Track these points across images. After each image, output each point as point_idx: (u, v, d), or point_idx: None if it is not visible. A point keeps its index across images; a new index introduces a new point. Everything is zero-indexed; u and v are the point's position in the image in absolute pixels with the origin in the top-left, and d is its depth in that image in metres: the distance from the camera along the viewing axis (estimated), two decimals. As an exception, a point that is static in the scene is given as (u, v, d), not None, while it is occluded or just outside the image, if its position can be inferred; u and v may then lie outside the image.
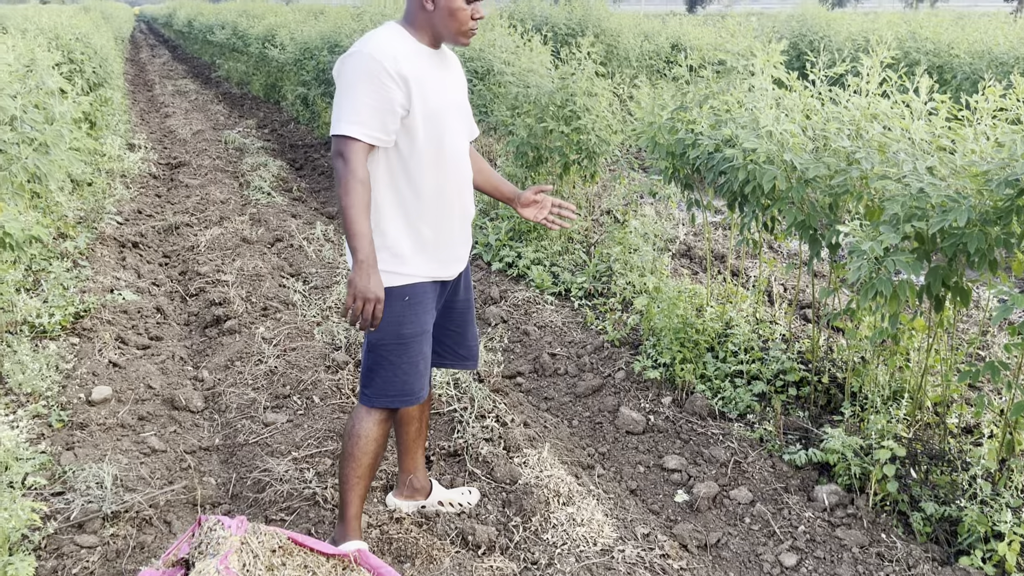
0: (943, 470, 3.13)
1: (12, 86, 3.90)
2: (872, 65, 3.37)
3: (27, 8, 13.80)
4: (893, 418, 3.24)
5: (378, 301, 2.30)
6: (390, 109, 2.35)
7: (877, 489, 3.09)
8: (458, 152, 2.57)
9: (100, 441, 3.44)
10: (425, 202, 2.49)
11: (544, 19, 12.30)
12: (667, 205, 7.21)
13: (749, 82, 3.84)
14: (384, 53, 2.35)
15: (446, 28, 2.45)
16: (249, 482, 3.32)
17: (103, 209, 6.82)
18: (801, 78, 3.75)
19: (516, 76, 6.21)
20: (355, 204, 2.28)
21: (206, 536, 2.34)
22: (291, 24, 13.27)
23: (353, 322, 2.31)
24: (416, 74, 2.39)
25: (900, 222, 2.73)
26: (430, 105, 2.43)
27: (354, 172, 2.30)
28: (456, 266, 2.67)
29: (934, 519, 2.97)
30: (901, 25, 9.56)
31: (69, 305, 4.57)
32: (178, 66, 23.69)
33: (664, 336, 4.11)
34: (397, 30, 2.47)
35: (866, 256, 2.73)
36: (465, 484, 3.28)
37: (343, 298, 5.12)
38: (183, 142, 10.97)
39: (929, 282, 2.88)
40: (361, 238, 2.28)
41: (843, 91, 3.50)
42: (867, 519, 3.05)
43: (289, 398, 3.98)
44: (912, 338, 3.45)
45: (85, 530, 2.87)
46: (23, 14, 12.28)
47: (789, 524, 3.09)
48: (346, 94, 2.34)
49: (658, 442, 3.69)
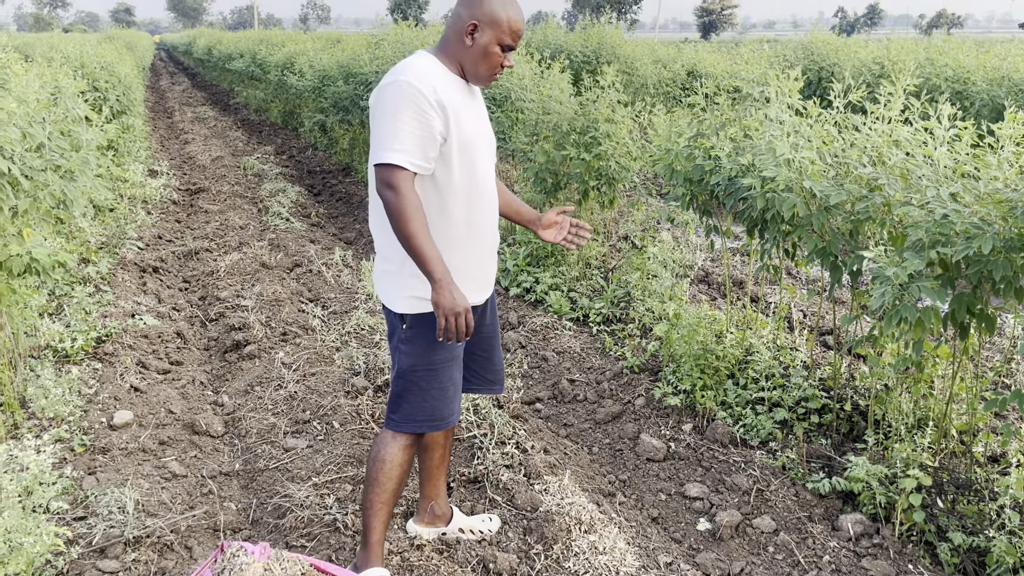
0: (970, 500, 3.09)
1: (39, 113, 3.96)
2: (894, 92, 3.37)
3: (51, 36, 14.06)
4: (918, 447, 3.21)
5: (466, 312, 2.32)
6: (431, 137, 2.36)
7: (903, 518, 3.05)
8: (489, 181, 2.59)
9: (122, 466, 3.45)
10: (456, 230, 2.50)
11: (560, 47, 12.40)
12: (685, 231, 7.21)
13: (764, 110, 3.85)
14: (424, 81, 2.36)
15: (474, 66, 2.48)
16: (269, 508, 3.32)
17: (124, 235, 6.89)
18: (824, 105, 3.75)
19: (534, 103, 6.25)
20: (418, 230, 2.30)
21: (229, 562, 2.34)
22: (310, 52, 13.44)
23: (449, 339, 2.34)
24: (453, 103, 2.41)
25: (924, 248, 2.72)
26: (465, 135, 2.45)
27: (407, 199, 2.30)
28: (484, 293, 2.68)
29: (962, 550, 2.93)
30: (918, 52, 9.57)
31: (91, 330, 4.61)
32: (197, 93, 24.03)
33: (684, 362, 4.09)
34: (431, 60, 2.49)
35: (890, 282, 2.72)
36: (485, 511, 3.27)
37: (362, 323, 5.14)
38: (202, 168, 11.09)
39: (954, 309, 2.86)
40: (432, 260, 2.30)
41: (861, 118, 3.51)
42: (893, 549, 3.01)
43: (309, 423, 3.98)
44: (936, 366, 3.42)
45: (107, 555, 2.87)
46: (48, 42, 12.51)
47: (814, 554, 3.06)
48: (389, 122, 2.34)
49: (679, 469, 3.66)
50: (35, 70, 5.26)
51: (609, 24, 12.95)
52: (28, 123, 3.56)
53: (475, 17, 2.43)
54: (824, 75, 10.14)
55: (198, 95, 23.40)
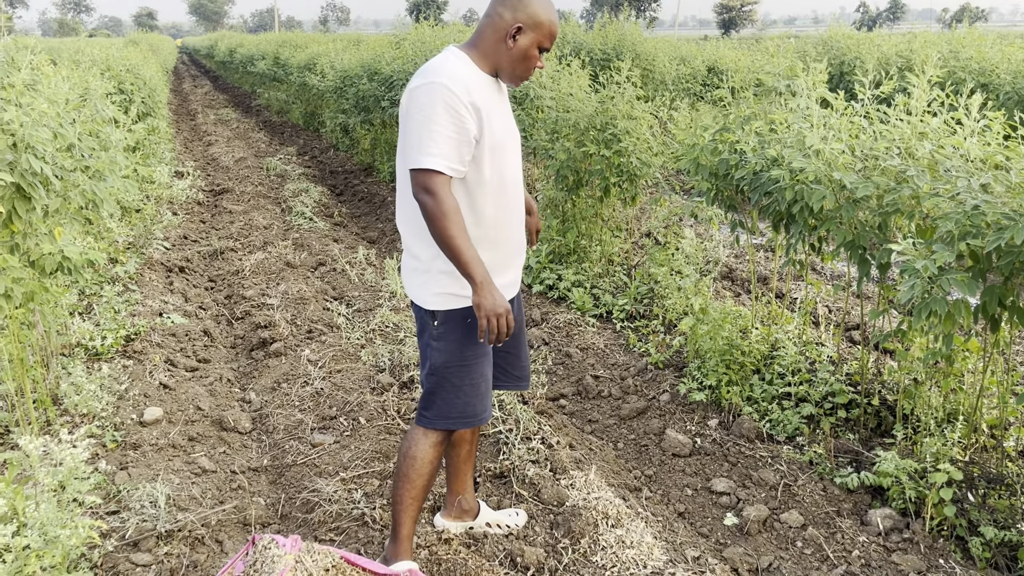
0: (1001, 494, 3.06)
1: (70, 115, 4.02)
2: (919, 84, 3.35)
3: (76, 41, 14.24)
4: (948, 441, 3.18)
5: (507, 312, 2.33)
6: (467, 140, 2.34)
7: (933, 513, 3.03)
8: (516, 180, 2.59)
9: (152, 461, 3.50)
10: (485, 229, 2.50)
11: (580, 44, 12.39)
12: (708, 227, 7.18)
13: (792, 103, 3.83)
14: (458, 82, 2.34)
15: (511, 68, 2.47)
16: (298, 502, 3.35)
17: (151, 235, 6.97)
18: (847, 99, 3.73)
19: (555, 101, 6.25)
20: (457, 234, 2.30)
21: (261, 555, 2.36)
22: (331, 53, 13.51)
23: (491, 341, 2.35)
24: (485, 104, 2.40)
25: (954, 240, 2.70)
26: (496, 135, 2.44)
27: (446, 203, 2.30)
28: (511, 290, 2.68)
29: (993, 544, 2.90)
30: (941, 45, 9.47)
31: (121, 328, 4.67)
32: (219, 95, 24.23)
33: (709, 358, 4.08)
34: (462, 57, 2.46)
35: (919, 275, 2.70)
36: (512, 505, 3.28)
37: (386, 320, 5.17)
38: (226, 169, 11.18)
39: (984, 301, 2.83)
40: (472, 263, 2.31)
41: (888, 110, 3.48)
42: (924, 544, 2.99)
43: (335, 419, 4.01)
44: (966, 359, 3.39)
45: (140, 548, 2.91)
46: (73, 47, 12.67)
47: (843, 548, 3.04)
48: (424, 125, 2.31)
49: (705, 465, 3.65)
50: (63, 72, 5.33)
51: (629, 21, 12.91)
52: (59, 124, 3.62)
53: (519, 20, 2.41)
54: (846, 69, 10.06)
55: (220, 97, 23.60)
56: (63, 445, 2.75)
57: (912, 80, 3.38)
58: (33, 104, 3.38)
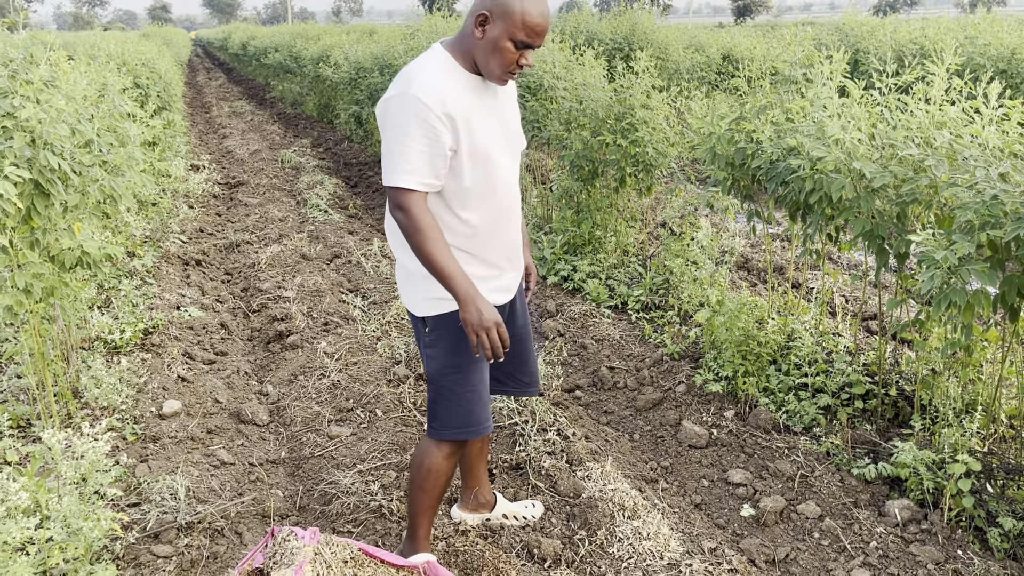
0: (1020, 485, 3.04)
1: (87, 110, 4.05)
2: (939, 72, 3.31)
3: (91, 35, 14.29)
4: (967, 431, 3.16)
5: (497, 325, 2.26)
6: (441, 153, 2.26)
7: (952, 504, 3.02)
8: (508, 183, 2.48)
9: (172, 454, 3.53)
10: (472, 236, 2.43)
11: (592, 33, 12.32)
12: (724, 217, 7.15)
13: (811, 92, 3.80)
14: (431, 94, 2.22)
15: (484, 62, 2.31)
16: (316, 494, 3.37)
17: (168, 228, 7.02)
18: (864, 87, 3.70)
19: (569, 90, 6.23)
20: (435, 249, 2.24)
21: (280, 546, 2.38)
22: (344, 44, 13.51)
23: (488, 357, 2.30)
24: (463, 113, 2.28)
25: (974, 230, 2.68)
26: (477, 144, 2.33)
27: (420, 220, 2.24)
28: (506, 294, 2.59)
29: (1012, 535, 2.89)
30: (959, 31, 9.36)
31: (139, 322, 4.71)
32: (233, 88, 24.31)
33: (726, 349, 4.07)
34: (443, 58, 2.34)
35: (939, 265, 2.68)
36: (528, 497, 3.29)
37: (402, 312, 5.19)
38: (241, 162, 11.23)
39: (1004, 291, 2.80)
40: (453, 277, 2.25)
41: (907, 99, 3.45)
42: (942, 535, 2.98)
43: (352, 411, 4.04)
44: (985, 350, 3.37)
45: (161, 540, 2.94)
46: (88, 41, 12.73)
47: (860, 539, 3.03)
48: (397, 139, 2.23)
49: (722, 456, 3.65)
50: (80, 67, 5.36)
51: (643, 9, 12.84)
52: (77, 119, 3.64)
53: (485, 6, 2.24)
54: (860, 56, 9.96)
55: (234, 90, 23.68)
56: (85, 438, 2.79)
57: (930, 68, 3.34)
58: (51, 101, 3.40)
